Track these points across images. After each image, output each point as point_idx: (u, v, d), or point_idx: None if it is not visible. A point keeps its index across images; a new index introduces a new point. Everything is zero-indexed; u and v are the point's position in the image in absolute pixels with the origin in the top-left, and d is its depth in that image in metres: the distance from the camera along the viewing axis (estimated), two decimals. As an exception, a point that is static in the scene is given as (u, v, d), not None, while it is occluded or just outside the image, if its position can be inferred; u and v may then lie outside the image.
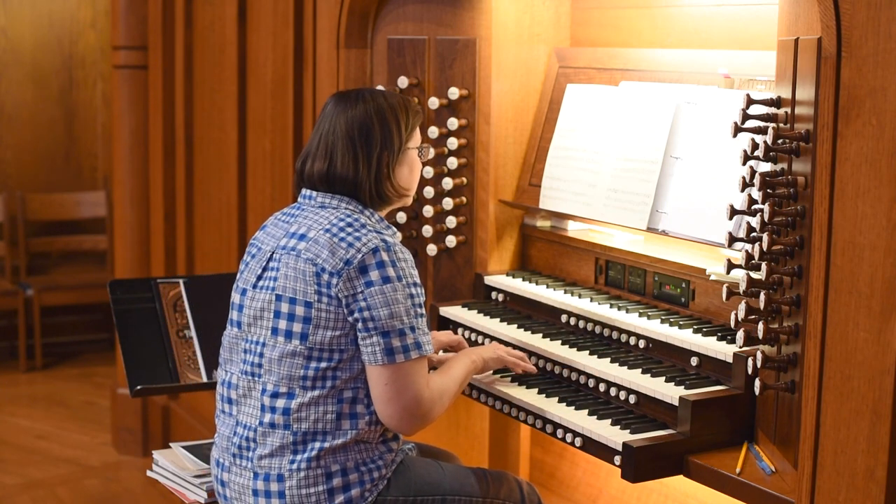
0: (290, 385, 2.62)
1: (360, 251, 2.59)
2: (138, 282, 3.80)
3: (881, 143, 1.99)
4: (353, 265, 2.58)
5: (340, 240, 2.61)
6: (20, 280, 7.00)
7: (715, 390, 2.62)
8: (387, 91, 2.84)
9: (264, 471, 2.63)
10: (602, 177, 3.22)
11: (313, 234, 2.64)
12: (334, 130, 2.73)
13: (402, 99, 2.82)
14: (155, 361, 3.50)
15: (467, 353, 2.89)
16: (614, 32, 3.47)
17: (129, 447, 5.53)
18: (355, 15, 3.70)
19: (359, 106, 2.74)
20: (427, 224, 3.63)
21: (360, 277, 2.57)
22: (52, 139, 7.39)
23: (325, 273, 2.58)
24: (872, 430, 2.03)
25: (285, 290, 2.63)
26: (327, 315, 2.59)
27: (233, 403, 2.73)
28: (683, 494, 3.19)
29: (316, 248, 2.61)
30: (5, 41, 7.22)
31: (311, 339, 2.60)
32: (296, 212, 2.76)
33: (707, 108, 2.97)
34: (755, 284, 2.34)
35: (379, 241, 2.61)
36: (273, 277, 2.67)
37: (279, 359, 2.62)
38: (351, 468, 2.63)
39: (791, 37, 2.33)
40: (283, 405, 2.62)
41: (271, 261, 2.69)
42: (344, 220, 2.66)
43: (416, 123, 2.83)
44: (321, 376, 2.61)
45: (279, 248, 2.68)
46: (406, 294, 2.59)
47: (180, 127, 5.23)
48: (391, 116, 2.75)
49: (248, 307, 2.71)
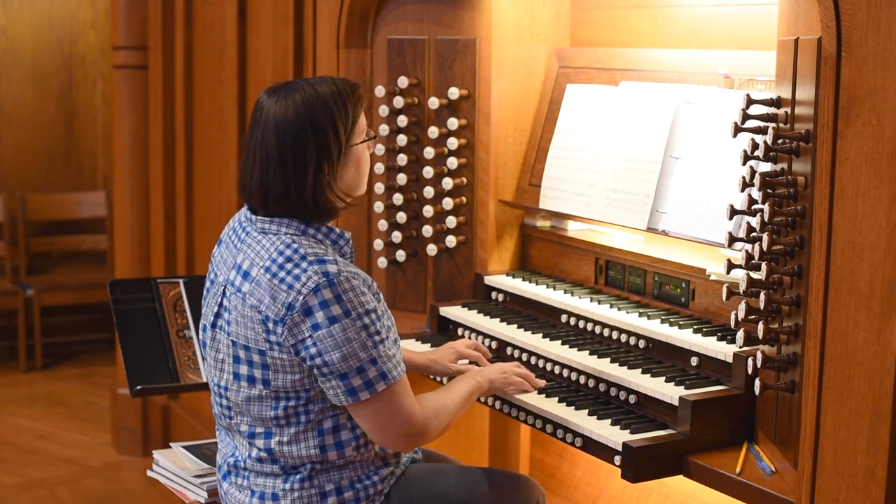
0: (264, 425, 2.54)
1: (301, 293, 2.41)
2: (138, 282, 3.80)
3: (881, 143, 1.99)
4: (296, 309, 2.41)
5: (280, 281, 2.43)
6: (20, 280, 6.99)
7: (715, 390, 2.62)
8: (321, 83, 2.54)
9: (260, 489, 2.58)
10: (602, 177, 3.22)
11: (255, 272, 2.47)
12: (265, 144, 2.50)
13: (337, 88, 2.53)
14: (155, 361, 3.50)
15: (473, 374, 2.81)
16: (614, 32, 3.47)
17: (129, 447, 5.53)
18: (355, 15, 3.70)
19: (289, 109, 2.48)
20: (427, 224, 3.63)
21: (305, 321, 2.41)
22: (52, 139, 7.39)
23: (270, 321, 2.44)
24: (872, 430, 2.03)
25: (238, 337, 2.51)
26: (282, 362, 2.47)
27: (222, 431, 2.69)
28: (683, 494, 3.19)
29: (259, 293, 2.45)
30: (5, 41, 7.22)
31: (273, 384, 2.49)
32: (244, 235, 2.57)
33: (707, 108, 2.97)
34: (755, 284, 2.34)
35: (320, 276, 2.41)
36: (227, 320, 2.54)
37: (246, 402, 2.53)
38: (346, 486, 2.57)
39: (791, 37, 2.33)
40: (264, 445, 2.55)
41: (224, 297, 2.56)
42: (283, 254, 2.46)
43: (358, 113, 2.56)
44: (293, 413, 2.51)
45: (229, 283, 2.54)
46: (358, 328, 2.42)
47: (180, 127, 5.23)
48: (325, 118, 2.49)
49: (210, 347, 2.62)
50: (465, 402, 2.71)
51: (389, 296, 3.72)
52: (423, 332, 3.50)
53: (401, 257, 3.67)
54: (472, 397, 2.74)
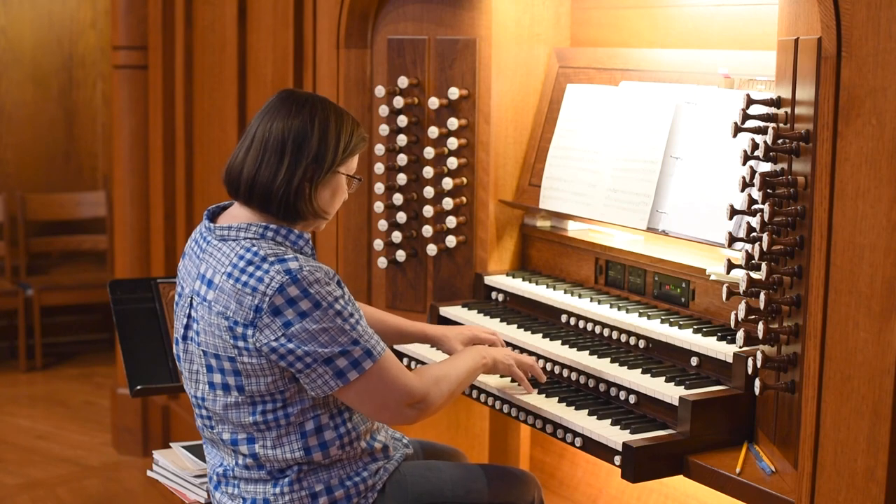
0: (245, 431, 2.54)
1: (266, 294, 2.41)
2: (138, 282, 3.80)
3: (881, 143, 1.99)
4: (264, 311, 2.41)
5: (244, 285, 2.43)
6: (20, 280, 7.00)
7: (715, 390, 2.62)
8: (341, 108, 2.65)
9: (251, 496, 2.59)
10: (602, 177, 3.22)
11: (218, 279, 2.48)
12: (272, 130, 2.55)
13: (353, 121, 2.63)
14: (155, 361, 3.50)
15: (479, 348, 2.80)
16: (614, 32, 3.47)
17: (129, 447, 5.53)
18: (355, 15, 3.70)
19: (304, 112, 2.56)
20: (427, 224, 3.63)
21: (274, 321, 2.41)
22: (52, 139, 7.40)
23: (239, 326, 2.44)
24: (872, 430, 2.03)
25: (208, 346, 2.52)
26: (252, 367, 2.47)
27: (208, 443, 2.70)
28: (683, 494, 3.19)
29: (223, 299, 2.46)
30: (5, 41, 7.23)
31: (247, 389, 2.50)
32: (204, 244, 2.58)
33: (707, 108, 2.97)
34: (755, 284, 2.34)
35: (282, 275, 2.41)
36: (196, 331, 2.54)
37: (224, 410, 2.54)
38: (335, 485, 2.57)
39: (791, 37, 2.33)
40: (248, 451, 2.55)
41: (192, 308, 2.56)
42: (244, 258, 2.47)
43: (357, 150, 2.63)
44: (272, 418, 2.51)
45: (195, 293, 2.54)
46: (331, 316, 2.42)
47: (180, 127, 5.23)
48: (333, 132, 2.56)
49: (183, 360, 2.63)
50: (469, 375, 2.70)
51: (389, 296, 3.73)
52: (423, 332, 3.50)
53: (401, 257, 3.67)
54: (475, 371, 2.73)
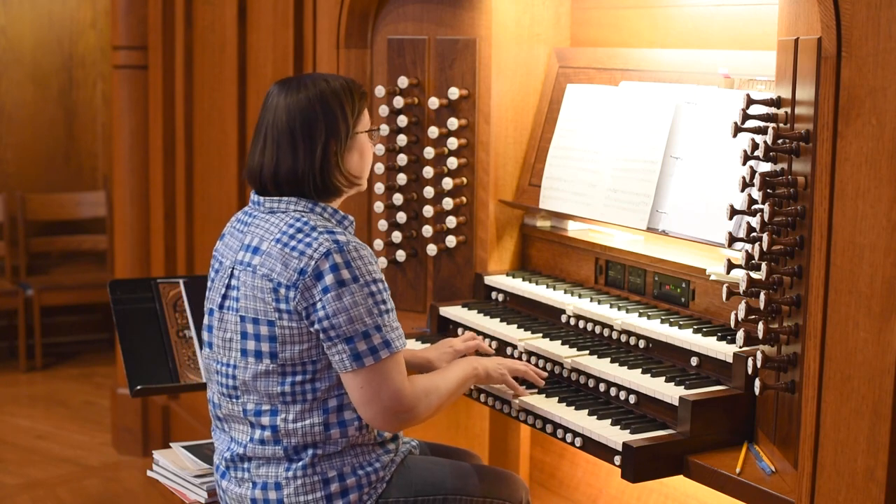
0: (271, 402, 2.58)
1: (312, 258, 2.50)
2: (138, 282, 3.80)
3: (881, 143, 1.99)
4: (308, 274, 2.49)
5: (291, 249, 2.52)
6: (20, 280, 7.00)
7: (715, 390, 2.62)
8: (330, 75, 2.71)
9: (262, 479, 2.61)
10: (602, 177, 3.22)
11: (266, 245, 2.57)
12: (276, 124, 2.63)
13: (347, 82, 2.69)
14: (155, 361, 3.50)
15: (470, 360, 2.83)
16: (614, 32, 3.47)
17: (129, 447, 5.53)
18: (355, 15, 3.70)
19: (301, 93, 2.62)
20: (427, 224, 3.63)
21: (316, 285, 2.49)
22: (52, 139, 7.40)
23: (282, 287, 2.52)
24: (872, 430, 2.03)
25: (247, 311, 2.58)
26: (290, 331, 2.54)
27: (222, 421, 2.72)
28: (683, 494, 3.19)
29: (270, 262, 2.54)
30: (5, 41, 7.23)
31: (280, 357, 2.55)
32: (248, 219, 2.67)
33: (707, 108, 2.97)
34: (755, 284, 2.34)
35: (330, 242, 2.51)
36: (235, 297, 2.61)
37: (254, 379, 2.58)
38: (348, 473, 2.61)
39: (791, 37, 2.33)
40: (270, 422, 2.59)
41: (232, 278, 2.63)
42: (293, 226, 2.57)
43: (364, 106, 2.71)
44: (300, 390, 2.56)
45: (237, 263, 2.62)
46: (365, 294, 2.51)
47: (180, 127, 5.24)
48: (335, 102, 2.63)
49: (217, 328, 2.67)
50: (459, 387, 2.73)
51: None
52: (424, 332, 3.51)
53: (401, 257, 3.67)
54: (466, 383, 2.76)
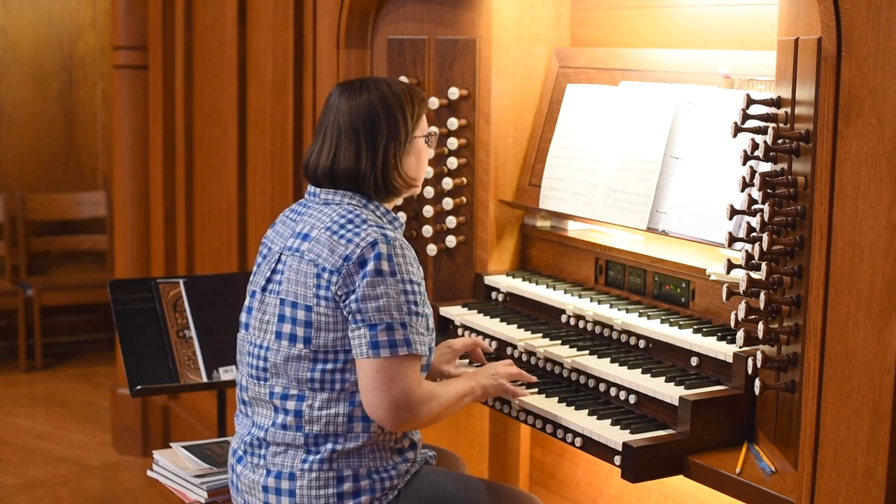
0: (299, 387, 2.60)
1: (359, 245, 2.55)
2: (138, 282, 3.81)
3: (881, 143, 1.99)
4: (352, 260, 2.54)
5: (340, 237, 2.58)
6: (20, 280, 7.00)
7: (715, 390, 2.62)
8: (391, 79, 2.78)
9: (276, 468, 2.61)
10: (602, 177, 3.22)
11: (315, 232, 2.62)
12: (338, 123, 2.69)
13: (408, 86, 2.77)
14: (155, 361, 3.50)
15: (468, 377, 2.82)
16: (614, 32, 3.47)
17: (129, 447, 5.53)
18: (355, 15, 3.70)
19: (363, 96, 2.69)
20: (427, 224, 3.63)
21: (358, 272, 2.53)
22: (52, 139, 7.40)
23: (326, 272, 2.56)
24: (872, 430, 2.03)
25: (288, 294, 2.61)
26: (326, 318, 2.56)
27: (246, 405, 2.72)
28: (683, 494, 3.19)
29: (317, 248, 2.59)
30: (5, 41, 7.23)
31: (314, 343, 2.58)
32: (302, 209, 2.73)
33: (707, 108, 2.97)
34: (755, 284, 2.34)
35: (379, 234, 2.57)
36: (279, 281, 2.65)
37: (285, 362, 2.60)
38: (363, 474, 2.60)
39: (791, 37, 2.33)
40: (295, 407, 2.60)
41: (279, 262, 2.67)
42: (345, 217, 2.62)
43: (423, 111, 2.78)
44: (329, 378, 2.58)
45: (286, 248, 2.66)
46: (399, 290, 2.54)
47: (180, 127, 5.24)
48: (396, 106, 2.70)
49: (256, 310, 2.70)
50: (458, 401, 2.72)
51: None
52: (423, 332, 3.50)
53: (401, 257, 3.67)
54: (464, 399, 2.75)
